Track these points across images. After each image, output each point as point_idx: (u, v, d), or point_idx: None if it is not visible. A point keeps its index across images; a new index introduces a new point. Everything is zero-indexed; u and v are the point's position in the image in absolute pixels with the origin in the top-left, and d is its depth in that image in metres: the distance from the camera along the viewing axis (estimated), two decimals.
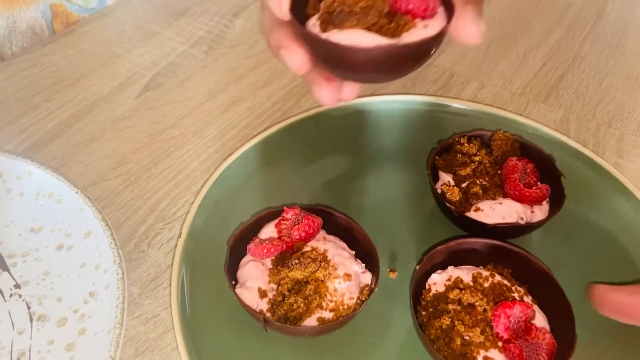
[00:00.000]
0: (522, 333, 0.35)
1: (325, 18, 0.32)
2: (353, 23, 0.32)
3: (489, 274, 0.38)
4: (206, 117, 0.54)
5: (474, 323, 0.36)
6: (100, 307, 0.38)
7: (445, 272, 0.39)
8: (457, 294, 0.37)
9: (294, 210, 0.40)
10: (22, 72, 0.58)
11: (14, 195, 0.44)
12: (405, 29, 0.32)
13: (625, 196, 0.46)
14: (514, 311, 0.35)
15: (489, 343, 0.35)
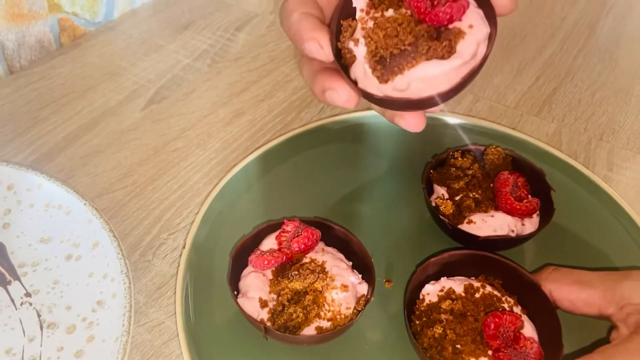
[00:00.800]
0: (511, 342, 0.36)
1: (378, 66, 0.32)
2: (412, 62, 0.32)
3: (480, 285, 0.40)
4: (209, 130, 0.55)
5: (465, 332, 0.37)
6: (107, 315, 0.39)
7: (438, 283, 0.40)
8: (449, 304, 0.38)
9: (293, 222, 0.42)
10: (30, 84, 0.60)
11: (24, 206, 0.46)
12: (459, 41, 0.32)
13: (613, 209, 0.48)
14: (503, 321, 0.36)
15: (479, 351, 0.36)
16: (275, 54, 0.65)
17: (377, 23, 0.33)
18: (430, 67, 0.31)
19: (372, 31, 0.33)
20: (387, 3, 0.34)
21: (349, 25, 0.34)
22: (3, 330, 0.40)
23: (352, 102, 0.34)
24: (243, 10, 0.71)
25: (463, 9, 0.32)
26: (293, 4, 0.36)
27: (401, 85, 0.32)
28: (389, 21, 0.32)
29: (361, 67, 0.33)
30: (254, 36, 0.67)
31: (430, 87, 0.32)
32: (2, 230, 0.45)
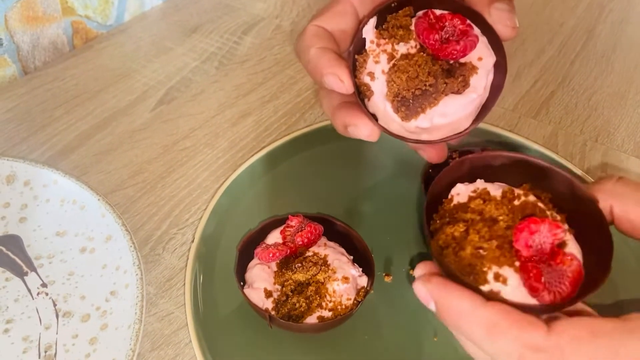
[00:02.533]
0: (546, 256, 0.30)
1: (402, 108, 0.34)
2: (434, 101, 0.34)
3: (522, 193, 0.33)
4: (217, 130, 0.57)
5: (491, 236, 0.31)
6: (120, 305, 0.41)
7: (473, 184, 0.34)
8: (479, 204, 0.32)
9: (297, 218, 0.44)
10: (44, 85, 0.62)
11: (40, 201, 0.48)
12: (472, 75, 0.34)
13: None
14: (541, 228, 0.30)
15: (504, 259, 0.29)
16: (280, 57, 0.67)
17: (398, 66, 0.34)
18: (450, 103, 0.34)
19: (394, 74, 0.34)
20: (395, 33, 0.35)
21: (363, 60, 0.36)
22: (20, 319, 0.42)
23: (374, 136, 0.35)
24: (250, 14, 0.73)
25: (474, 44, 0.34)
26: (309, 39, 0.36)
27: (424, 123, 0.34)
28: (410, 64, 0.34)
29: (381, 104, 0.35)
30: (260, 39, 0.69)
31: (450, 121, 0.35)
32: (19, 224, 0.47)
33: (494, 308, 0.25)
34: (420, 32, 0.34)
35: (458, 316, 0.26)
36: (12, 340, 0.40)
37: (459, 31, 0.34)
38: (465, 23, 0.34)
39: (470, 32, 0.34)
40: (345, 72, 0.35)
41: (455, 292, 0.26)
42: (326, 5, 0.39)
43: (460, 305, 0.26)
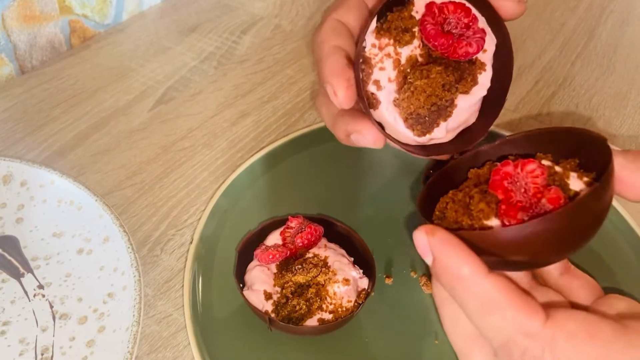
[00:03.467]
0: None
1: (418, 126, 0.33)
2: (449, 114, 0.32)
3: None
4: (215, 130, 0.57)
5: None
6: (118, 307, 0.41)
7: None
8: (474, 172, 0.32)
9: (297, 219, 0.43)
10: (42, 84, 0.61)
11: (37, 202, 0.48)
12: (481, 73, 0.33)
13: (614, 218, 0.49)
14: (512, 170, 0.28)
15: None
16: (280, 57, 0.66)
17: (415, 87, 0.32)
18: (460, 107, 0.33)
19: (412, 97, 0.32)
20: (399, 37, 0.33)
21: (369, 68, 0.33)
22: (17, 321, 0.41)
23: (380, 143, 0.32)
24: (249, 14, 0.73)
25: (483, 40, 0.32)
26: (325, 34, 0.34)
27: (439, 134, 0.33)
28: (428, 84, 0.32)
29: (390, 116, 0.33)
30: (260, 39, 0.69)
31: (459, 122, 0.34)
32: (16, 225, 0.46)
33: (495, 281, 0.23)
34: (429, 37, 0.32)
35: (456, 280, 0.24)
36: (9, 343, 0.40)
37: (463, 25, 0.33)
38: (470, 15, 0.33)
39: (475, 25, 0.33)
40: (342, 84, 0.32)
41: (459, 253, 0.24)
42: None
43: (461, 268, 0.24)
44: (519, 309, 0.23)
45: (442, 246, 0.25)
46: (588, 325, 0.22)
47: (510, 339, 0.23)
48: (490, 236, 0.25)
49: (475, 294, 0.23)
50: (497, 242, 0.25)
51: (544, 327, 0.22)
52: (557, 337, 0.22)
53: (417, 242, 0.26)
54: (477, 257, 0.24)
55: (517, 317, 0.23)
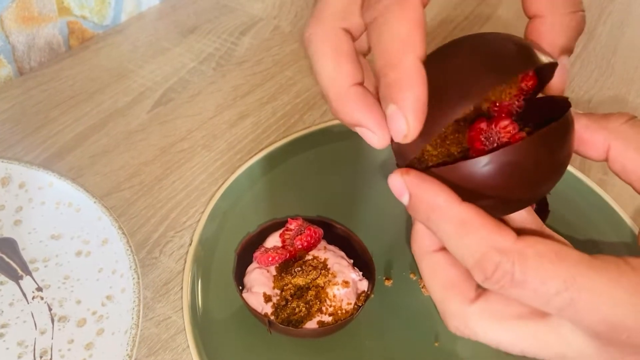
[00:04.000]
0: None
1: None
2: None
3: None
4: (214, 131, 0.57)
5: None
6: (117, 309, 0.41)
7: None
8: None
9: (297, 221, 0.43)
10: (40, 86, 0.61)
11: (35, 204, 0.47)
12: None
13: (607, 212, 0.49)
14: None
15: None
16: (279, 58, 0.66)
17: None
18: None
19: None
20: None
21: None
22: (15, 324, 0.41)
23: (383, 145, 0.28)
24: (248, 15, 0.73)
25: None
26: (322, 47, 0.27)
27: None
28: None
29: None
30: (259, 40, 0.69)
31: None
32: (14, 227, 0.46)
33: (469, 207, 0.25)
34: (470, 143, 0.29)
35: (431, 209, 0.25)
36: (7, 345, 0.40)
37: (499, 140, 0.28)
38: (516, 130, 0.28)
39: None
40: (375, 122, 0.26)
41: (433, 186, 0.25)
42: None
43: (435, 199, 0.25)
44: (492, 229, 0.24)
45: (416, 182, 0.25)
46: (557, 249, 0.23)
47: (484, 255, 0.24)
48: (457, 170, 0.26)
49: (451, 219, 0.25)
50: (465, 175, 0.26)
51: (515, 243, 0.23)
52: (526, 253, 0.23)
53: (392, 183, 0.27)
54: (450, 189, 0.25)
55: (490, 235, 0.24)
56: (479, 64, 0.25)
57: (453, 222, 0.25)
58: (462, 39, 0.28)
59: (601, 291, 0.22)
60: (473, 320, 0.26)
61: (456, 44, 0.27)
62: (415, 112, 0.24)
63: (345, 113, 0.27)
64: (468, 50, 0.26)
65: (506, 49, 0.26)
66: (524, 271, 0.23)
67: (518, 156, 0.25)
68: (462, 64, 0.25)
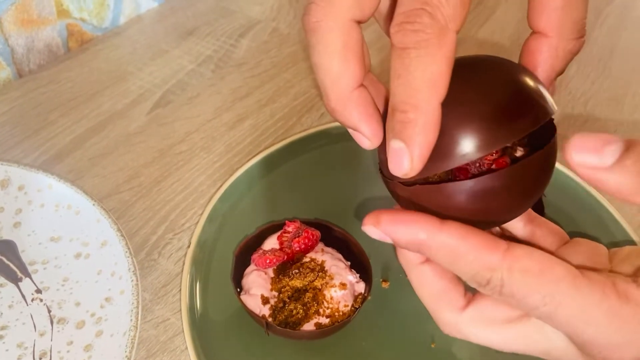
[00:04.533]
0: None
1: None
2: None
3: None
4: (213, 134, 0.57)
5: None
6: (116, 311, 0.41)
7: None
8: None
9: (294, 223, 0.43)
10: (39, 88, 0.61)
11: (34, 206, 0.48)
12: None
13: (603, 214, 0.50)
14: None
15: None
16: (277, 60, 0.66)
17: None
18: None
19: None
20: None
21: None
22: (15, 325, 0.41)
23: (371, 148, 0.29)
24: (246, 17, 0.73)
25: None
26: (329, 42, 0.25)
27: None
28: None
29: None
30: (257, 42, 0.69)
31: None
32: (14, 229, 0.47)
33: (450, 233, 0.25)
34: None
35: (418, 246, 0.25)
36: (7, 347, 0.40)
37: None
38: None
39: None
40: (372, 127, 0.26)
41: (410, 225, 0.25)
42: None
43: (417, 237, 0.25)
44: (480, 250, 0.24)
45: (392, 229, 0.25)
46: (541, 263, 0.24)
47: (476, 274, 0.25)
48: (441, 190, 0.26)
49: (438, 249, 0.25)
50: (448, 194, 0.26)
51: (502, 260, 0.24)
52: (512, 268, 0.24)
53: (370, 233, 0.27)
54: (425, 215, 0.25)
55: (479, 257, 0.24)
56: (486, 121, 0.25)
57: (441, 252, 0.25)
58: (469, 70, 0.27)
59: (578, 310, 0.23)
60: (464, 326, 0.28)
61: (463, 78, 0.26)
62: (421, 157, 0.24)
63: (344, 116, 0.26)
64: (475, 96, 0.25)
65: (515, 101, 0.25)
66: (510, 284, 0.24)
67: (500, 181, 0.26)
68: (470, 112, 0.25)
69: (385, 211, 0.26)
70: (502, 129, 0.25)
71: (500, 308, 0.27)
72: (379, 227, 0.26)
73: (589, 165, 0.23)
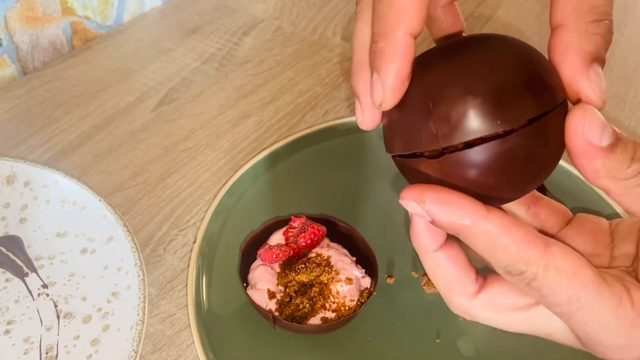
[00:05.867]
0: None
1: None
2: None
3: None
4: (217, 131, 0.57)
5: None
6: (122, 306, 0.41)
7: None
8: None
9: (300, 219, 0.43)
10: (44, 85, 0.61)
11: (40, 202, 0.48)
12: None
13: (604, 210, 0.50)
14: None
15: None
16: (280, 58, 0.67)
17: None
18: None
19: None
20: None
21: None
22: (21, 320, 0.41)
23: (366, 125, 0.29)
24: (250, 16, 0.73)
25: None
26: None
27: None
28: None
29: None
30: (261, 40, 0.69)
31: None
32: (20, 225, 0.47)
33: (495, 222, 0.25)
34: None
35: (458, 228, 0.25)
36: (13, 342, 0.40)
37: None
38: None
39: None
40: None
41: (457, 209, 0.25)
42: None
43: (463, 221, 0.25)
44: (521, 242, 0.25)
45: (436, 208, 0.25)
46: (576, 266, 0.25)
47: (512, 265, 0.25)
48: (454, 159, 0.25)
49: (479, 238, 0.25)
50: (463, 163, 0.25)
51: (541, 257, 0.25)
52: (549, 266, 0.25)
53: (408, 208, 0.26)
54: (471, 199, 0.25)
55: (519, 251, 0.25)
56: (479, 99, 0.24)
57: (482, 240, 0.25)
58: (470, 42, 0.26)
59: (595, 314, 0.25)
60: (474, 310, 0.29)
61: (463, 47, 0.26)
62: (392, 87, 0.24)
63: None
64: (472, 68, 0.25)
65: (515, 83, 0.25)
66: (542, 280, 0.25)
67: (525, 140, 0.25)
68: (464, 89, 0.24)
69: (429, 187, 0.25)
70: (495, 117, 0.24)
71: (510, 295, 0.28)
72: (422, 205, 0.25)
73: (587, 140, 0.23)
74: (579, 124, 0.23)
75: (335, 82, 0.63)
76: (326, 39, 0.70)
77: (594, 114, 0.23)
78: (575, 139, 0.24)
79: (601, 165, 0.23)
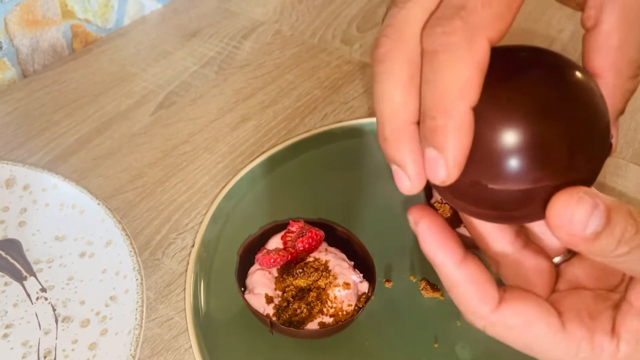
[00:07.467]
0: None
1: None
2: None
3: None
4: (216, 134, 0.57)
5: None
6: (120, 310, 0.41)
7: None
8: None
9: (298, 223, 0.44)
10: (44, 88, 0.62)
11: (39, 205, 0.48)
12: None
13: None
14: None
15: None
16: (280, 62, 0.67)
17: None
18: None
19: None
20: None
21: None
22: (19, 324, 0.41)
23: (409, 193, 0.26)
24: (249, 19, 0.73)
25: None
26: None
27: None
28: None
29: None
30: (260, 44, 0.69)
31: None
32: (19, 228, 0.47)
33: (461, 270, 0.26)
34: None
35: (433, 264, 0.27)
36: (12, 345, 0.40)
37: None
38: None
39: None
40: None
41: (435, 244, 0.26)
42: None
43: (435, 258, 0.27)
44: (474, 297, 0.26)
45: (421, 237, 0.27)
46: (527, 320, 0.26)
47: (464, 313, 0.27)
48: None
49: (446, 277, 0.26)
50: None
51: (490, 314, 0.26)
52: (495, 324, 0.26)
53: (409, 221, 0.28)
54: (454, 244, 0.26)
55: (469, 302, 0.26)
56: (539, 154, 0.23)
57: (444, 279, 0.26)
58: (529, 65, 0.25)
59: (554, 358, 0.26)
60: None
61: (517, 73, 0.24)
62: (456, 163, 0.23)
63: (395, 148, 0.25)
64: (534, 106, 0.23)
65: (591, 131, 0.23)
66: (492, 334, 0.26)
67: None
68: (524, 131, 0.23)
69: (427, 215, 0.26)
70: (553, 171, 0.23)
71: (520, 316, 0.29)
72: (414, 227, 0.27)
73: (569, 233, 0.22)
74: (562, 218, 0.22)
75: (335, 86, 0.64)
76: (326, 42, 0.70)
77: (579, 203, 0.22)
78: (558, 232, 0.23)
79: (586, 251, 0.23)
